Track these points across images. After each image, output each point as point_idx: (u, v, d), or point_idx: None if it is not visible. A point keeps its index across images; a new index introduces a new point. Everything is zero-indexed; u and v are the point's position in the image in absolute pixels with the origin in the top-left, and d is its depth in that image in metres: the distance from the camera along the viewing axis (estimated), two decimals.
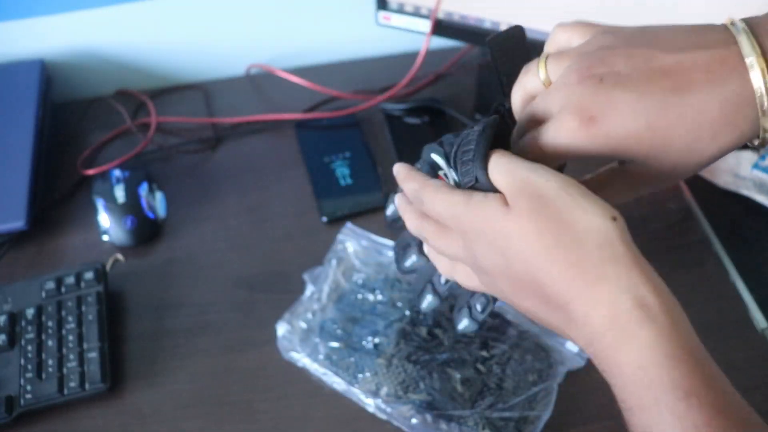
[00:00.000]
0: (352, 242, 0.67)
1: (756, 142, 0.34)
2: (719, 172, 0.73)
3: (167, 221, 0.73)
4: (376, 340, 0.60)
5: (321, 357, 0.59)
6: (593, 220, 0.31)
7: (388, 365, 0.59)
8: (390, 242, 0.67)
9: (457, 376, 0.58)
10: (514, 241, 0.32)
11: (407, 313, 0.62)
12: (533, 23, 0.72)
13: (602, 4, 0.67)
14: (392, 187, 0.61)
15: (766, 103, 0.32)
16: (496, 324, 0.61)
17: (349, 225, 0.68)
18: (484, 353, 0.59)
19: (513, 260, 0.33)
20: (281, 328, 0.61)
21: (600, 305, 0.30)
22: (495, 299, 0.42)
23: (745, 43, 0.32)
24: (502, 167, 0.34)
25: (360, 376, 0.58)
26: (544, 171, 0.33)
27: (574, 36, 0.38)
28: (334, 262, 0.66)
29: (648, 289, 0.30)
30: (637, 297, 0.30)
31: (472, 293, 0.43)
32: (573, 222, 0.31)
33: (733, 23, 0.34)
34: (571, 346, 0.59)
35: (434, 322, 0.61)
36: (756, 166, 0.72)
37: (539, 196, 0.32)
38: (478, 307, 0.43)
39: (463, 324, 0.46)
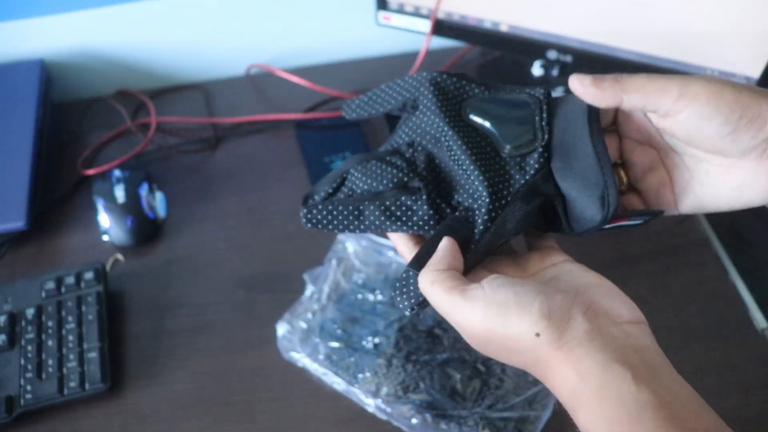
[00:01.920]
0: (352, 242, 0.67)
1: None
2: None
3: (167, 221, 0.73)
4: (376, 340, 0.60)
5: (321, 357, 0.59)
6: (524, 343, 0.34)
7: (388, 365, 0.59)
8: (390, 243, 0.67)
9: (457, 376, 0.58)
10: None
11: (407, 313, 0.62)
12: (533, 23, 0.72)
13: (601, 4, 0.67)
14: None
15: None
16: None
17: None
18: None
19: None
20: (281, 328, 0.61)
21: (559, 383, 0.34)
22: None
23: None
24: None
25: (360, 376, 0.58)
26: (466, 312, 0.35)
27: None
28: (334, 262, 0.66)
29: (575, 381, 0.33)
30: (569, 391, 0.33)
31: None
32: (514, 341, 0.35)
33: None
34: None
35: (434, 322, 0.61)
36: None
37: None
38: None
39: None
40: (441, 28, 0.77)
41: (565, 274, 0.38)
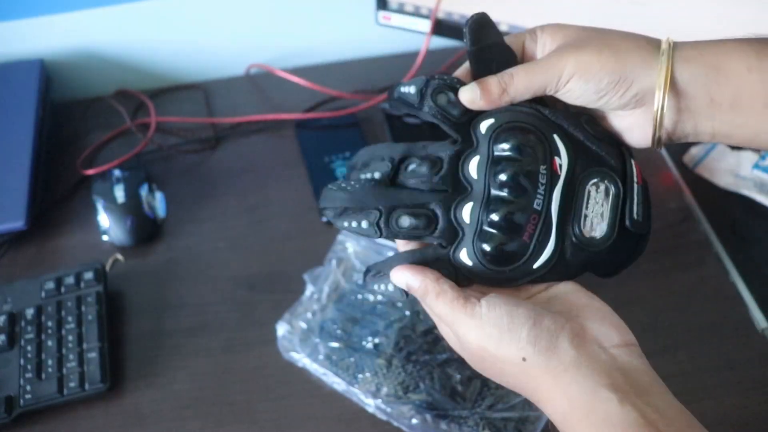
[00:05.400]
0: (352, 243, 0.67)
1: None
2: (719, 172, 0.73)
3: (167, 221, 0.73)
4: (376, 340, 0.60)
5: (321, 357, 0.59)
6: (513, 366, 0.36)
7: (388, 365, 0.58)
8: (390, 243, 0.67)
9: (457, 376, 0.58)
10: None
11: (407, 313, 0.62)
12: (533, 23, 0.72)
13: (600, 4, 0.67)
14: None
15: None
16: None
17: None
18: None
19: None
20: (281, 328, 0.61)
21: (551, 408, 0.36)
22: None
23: (662, 70, 0.37)
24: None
25: (360, 376, 0.58)
26: (465, 328, 0.37)
27: None
28: (334, 262, 0.66)
29: (565, 407, 0.34)
30: (561, 415, 0.35)
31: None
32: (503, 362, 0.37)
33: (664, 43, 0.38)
34: None
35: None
36: (756, 166, 0.72)
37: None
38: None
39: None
40: (441, 28, 0.77)
41: (558, 295, 0.39)
